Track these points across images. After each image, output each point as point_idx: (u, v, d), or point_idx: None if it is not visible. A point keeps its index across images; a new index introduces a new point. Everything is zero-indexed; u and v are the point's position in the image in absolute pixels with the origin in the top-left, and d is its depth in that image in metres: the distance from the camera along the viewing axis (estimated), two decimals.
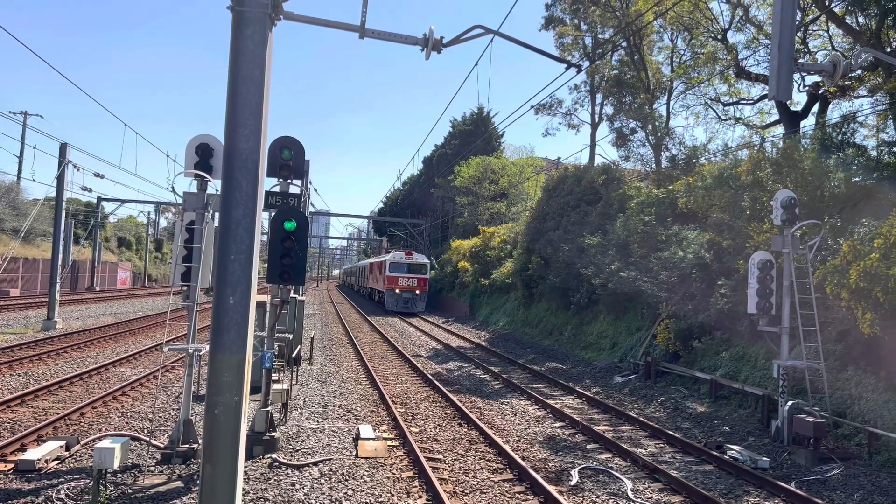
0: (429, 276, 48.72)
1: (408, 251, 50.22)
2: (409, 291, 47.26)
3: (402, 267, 47.55)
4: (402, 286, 47.20)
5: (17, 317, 31.70)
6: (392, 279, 47.36)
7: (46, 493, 8.66)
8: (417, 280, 47.59)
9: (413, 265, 47.72)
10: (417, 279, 47.58)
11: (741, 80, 27.17)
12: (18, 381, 15.95)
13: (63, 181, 28.13)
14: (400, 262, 47.78)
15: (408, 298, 47.09)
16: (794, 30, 7.09)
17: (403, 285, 47.20)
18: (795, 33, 7.24)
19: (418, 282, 47.66)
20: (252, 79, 5.94)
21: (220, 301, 5.80)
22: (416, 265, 47.87)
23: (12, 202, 52.92)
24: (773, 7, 7.33)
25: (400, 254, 49.30)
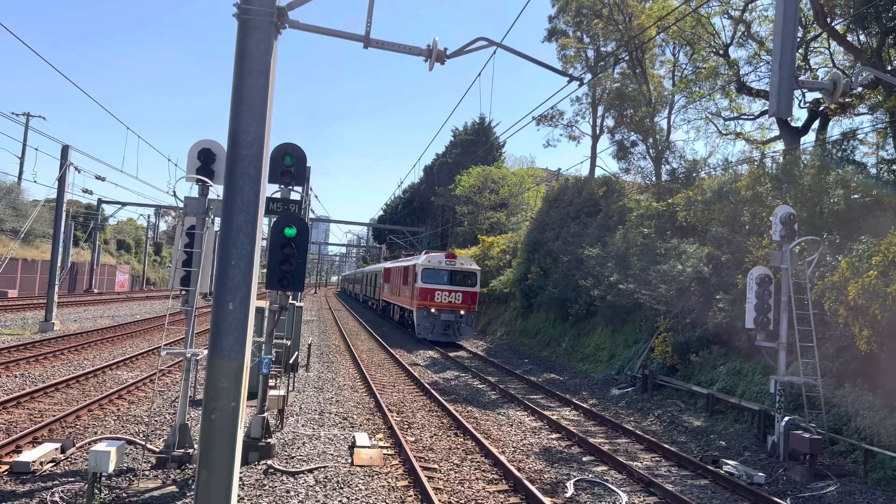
0: (479, 290, 33.47)
1: (448, 252, 35.44)
2: (451, 311, 31.84)
3: (442, 275, 32.55)
4: (440, 303, 31.95)
5: (15, 318, 31.66)
6: (426, 293, 32.15)
7: (41, 496, 8.64)
8: (463, 295, 32.09)
9: (458, 273, 32.61)
10: (463, 293, 32.12)
11: (742, 96, 27.29)
12: (15, 383, 15.92)
13: (64, 183, 28.16)
14: (438, 267, 32.52)
15: (448, 322, 31.83)
16: (794, 47, 7.14)
17: (443, 302, 31.95)
18: (796, 50, 7.29)
19: (464, 297, 32.15)
20: (256, 86, 5.98)
21: (220, 307, 5.81)
22: (462, 273, 32.68)
23: (13, 203, 52.91)
24: (775, 24, 7.39)
25: (437, 256, 33.83)
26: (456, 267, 32.64)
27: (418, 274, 32.58)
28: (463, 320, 32.21)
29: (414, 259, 36.60)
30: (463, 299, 32.19)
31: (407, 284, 35.76)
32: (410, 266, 34.94)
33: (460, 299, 32.10)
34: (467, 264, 33.20)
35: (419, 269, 32.52)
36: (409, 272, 35.44)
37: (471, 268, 33.18)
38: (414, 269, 33.58)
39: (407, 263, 37.57)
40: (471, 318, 32.73)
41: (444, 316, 31.92)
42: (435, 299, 31.82)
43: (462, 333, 32.31)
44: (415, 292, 33.12)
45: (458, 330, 32.10)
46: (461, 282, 32.56)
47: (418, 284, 32.55)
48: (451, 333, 31.98)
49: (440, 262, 32.63)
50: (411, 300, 34.10)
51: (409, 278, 34.77)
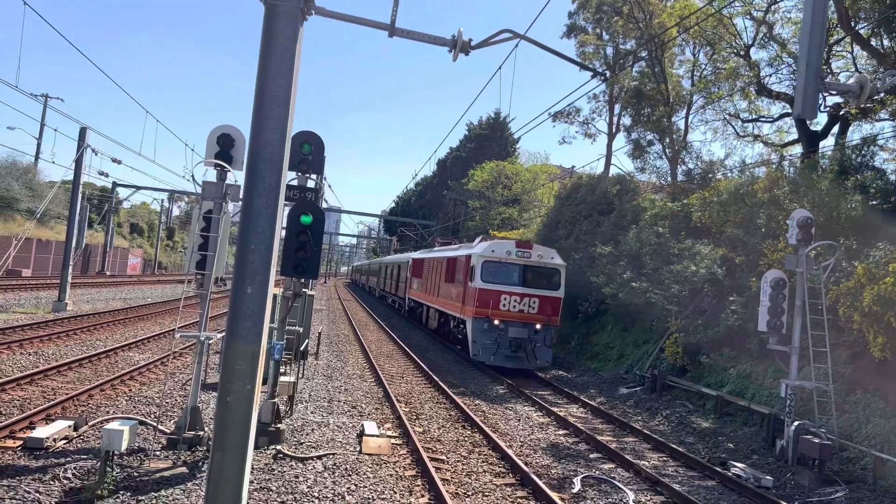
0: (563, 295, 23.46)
1: (521, 241, 24.91)
2: (524, 325, 22.49)
3: (510, 271, 22.89)
4: (507, 313, 22.50)
5: (29, 297, 31.96)
6: (486, 296, 22.50)
7: (54, 472, 8.75)
8: (541, 301, 22.71)
9: (534, 269, 23.03)
10: (541, 300, 22.73)
11: (762, 98, 27.07)
12: (28, 360, 16.09)
13: (81, 165, 28.37)
14: (505, 260, 22.95)
15: (519, 340, 22.38)
16: (822, 49, 7.08)
17: (511, 311, 22.53)
18: (823, 53, 7.23)
19: (543, 305, 22.72)
20: (281, 72, 5.99)
21: (238, 290, 5.84)
22: (540, 270, 23.08)
23: (29, 183, 53.35)
24: (802, 26, 7.33)
25: (502, 244, 23.91)
26: (532, 261, 22.71)
27: (475, 269, 22.66)
28: (539, 338, 22.17)
29: (465, 248, 26.46)
30: (541, 308, 22.32)
31: (453, 282, 26.17)
32: (461, 257, 25.10)
33: (537, 307, 22.24)
34: (547, 257, 23.08)
35: (477, 262, 22.67)
36: (457, 266, 25.69)
37: (553, 262, 23.06)
38: (467, 261, 23.84)
39: (454, 253, 27.27)
40: (550, 336, 22.45)
41: (514, 331, 22.03)
42: (500, 306, 22.09)
43: (538, 357, 22.21)
44: (468, 295, 23.19)
45: (532, 352, 22.04)
46: (538, 282, 22.70)
47: (475, 284, 22.49)
48: (522, 357, 22.08)
49: (508, 252, 22.74)
50: (461, 305, 24.20)
51: (459, 274, 24.95)
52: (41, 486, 8.25)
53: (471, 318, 22.69)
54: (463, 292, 24.17)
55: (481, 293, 22.43)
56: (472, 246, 25.59)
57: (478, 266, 22.74)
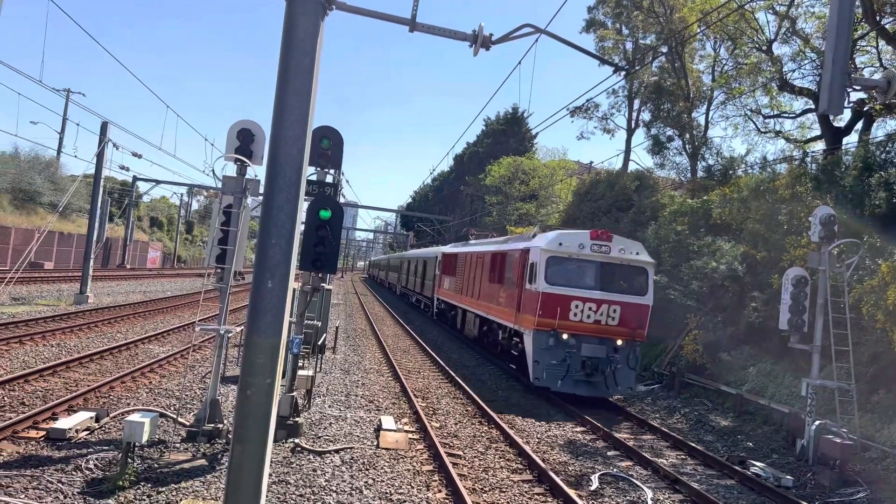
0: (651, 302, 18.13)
1: (598, 231, 18.66)
2: (601, 340, 17.57)
3: (584, 270, 17.92)
4: (580, 324, 17.52)
5: (51, 289, 32.39)
6: (552, 303, 17.42)
7: (76, 462, 8.86)
8: (624, 310, 17.64)
9: (615, 268, 17.97)
10: (624, 307, 17.66)
11: (784, 93, 26.73)
12: (51, 352, 16.31)
13: (102, 159, 28.66)
14: (577, 256, 17.80)
15: (595, 361, 17.39)
16: (849, 43, 6.97)
17: (585, 322, 17.51)
18: (850, 47, 7.12)
19: (626, 314, 17.65)
20: (302, 67, 6.00)
21: (259, 284, 5.86)
22: (622, 268, 18.05)
23: (51, 177, 54.01)
24: (828, 20, 7.21)
25: (572, 236, 18.42)
26: (612, 256, 17.58)
27: (537, 267, 17.59)
28: (621, 358, 17.20)
29: (517, 240, 21.73)
30: (623, 318, 17.27)
31: (501, 283, 21.30)
32: (514, 252, 20.21)
33: (618, 318, 17.24)
34: (631, 251, 17.86)
35: (539, 259, 17.56)
36: (507, 262, 20.89)
37: (638, 259, 17.82)
38: (523, 257, 18.98)
39: (502, 247, 22.41)
40: (634, 355, 17.38)
41: (588, 349, 17.15)
42: (570, 316, 17.10)
43: (619, 382, 17.27)
44: (527, 300, 18.16)
45: (612, 376, 17.13)
46: (620, 284, 17.62)
47: (537, 286, 17.43)
48: (599, 382, 17.11)
49: (581, 245, 17.51)
50: (515, 313, 19.09)
51: (511, 273, 20.14)
52: (64, 477, 8.35)
53: (531, 331, 17.43)
54: (517, 296, 18.96)
55: (546, 299, 17.11)
56: (528, 237, 20.39)
57: (541, 263, 17.41)
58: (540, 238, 19.22)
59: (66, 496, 7.79)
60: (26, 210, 49.61)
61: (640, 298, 17.68)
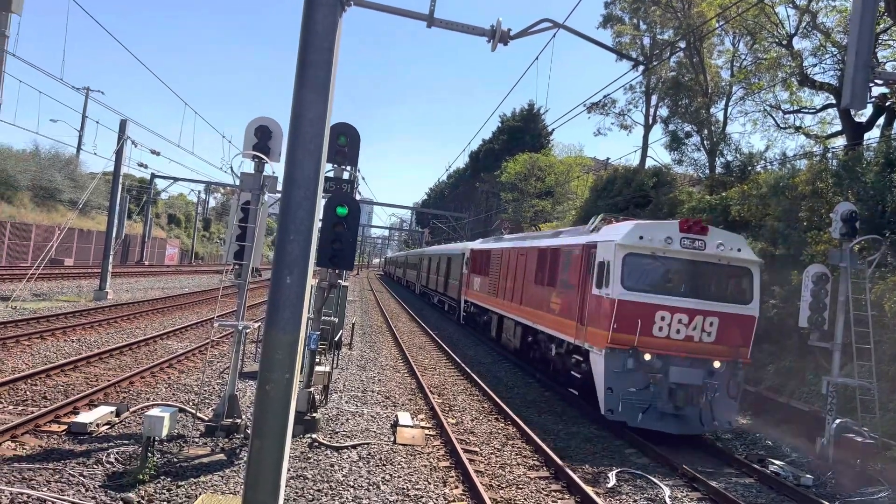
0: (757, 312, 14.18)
1: (689, 221, 14.17)
2: (696, 362, 13.51)
3: (672, 272, 14.00)
4: (667, 340, 13.51)
5: (71, 285, 32.78)
6: (631, 312, 13.45)
7: (97, 456, 8.96)
8: (722, 322, 13.65)
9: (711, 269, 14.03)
10: (722, 318, 13.67)
11: (804, 88, 26.43)
12: (72, 347, 16.51)
13: (121, 156, 28.91)
14: (663, 252, 13.74)
15: (688, 389, 13.29)
16: (872, 38, 6.88)
17: (675, 339, 13.54)
18: (873, 42, 7.02)
19: (724, 328, 13.69)
20: (320, 63, 6.01)
21: (278, 280, 5.89)
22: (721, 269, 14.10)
23: (71, 174, 54.62)
24: (852, 14, 7.12)
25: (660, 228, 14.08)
26: (707, 254, 13.90)
27: (611, 267, 13.90)
28: (720, 383, 13.58)
29: (575, 233, 17.60)
30: (722, 333, 13.73)
31: (553, 285, 17.54)
32: (576, 247, 16.25)
33: (715, 332, 13.69)
34: (730, 246, 14.09)
35: (614, 257, 13.84)
36: (563, 260, 17.13)
37: (741, 257, 14.26)
38: (586, 254, 15.35)
39: (555, 242, 18.39)
40: (737, 380, 13.87)
41: (679, 373, 13.50)
42: (653, 331, 13.58)
43: (717, 415, 13.52)
44: (595, 309, 14.54)
45: (709, 408, 13.45)
46: (718, 290, 14.16)
47: (610, 291, 13.82)
48: (691, 416, 13.51)
49: (668, 240, 13.81)
50: (576, 325, 15.43)
51: (569, 274, 16.51)
52: (85, 470, 8.45)
53: (601, 350, 13.56)
54: (579, 304, 15.27)
55: (623, 309, 13.35)
56: (584, 230, 16.58)
57: (615, 263, 13.59)
58: (610, 230, 15.05)
59: (87, 489, 7.89)
60: (46, 207, 50.22)
61: (744, 308, 13.91)
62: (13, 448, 9.01)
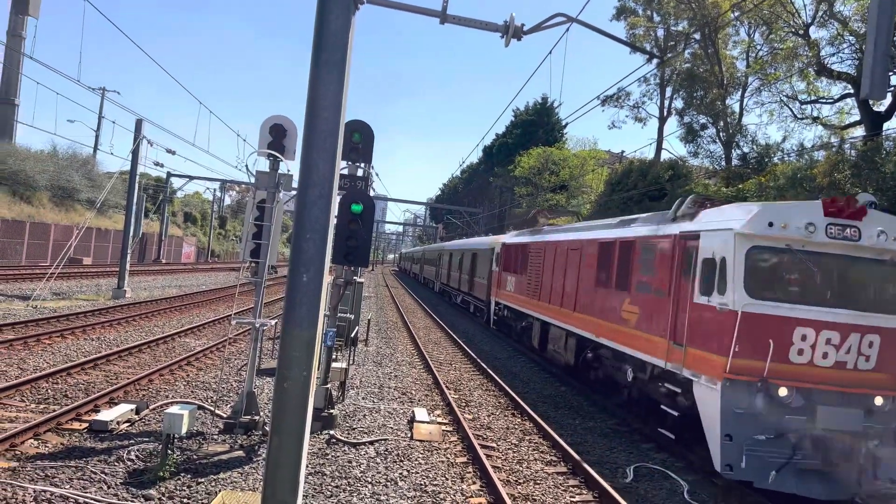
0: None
1: (836, 200, 9.83)
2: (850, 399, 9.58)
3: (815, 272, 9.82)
4: (812, 370, 9.61)
5: (90, 284, 33.13)
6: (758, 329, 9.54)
7: (118, 453, 9.07)
8: (884, 342, 9.65)
9: (868, 267, 9.95)
10: (884, 336, 9.67)
11: (821, 78, 26.12)
12: (91, 346, 16.69)
13: (137, 155, 29.16)
14: (808, 246, 9.71)
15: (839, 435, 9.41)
16: (892, 26, 6.77)
17: (821, 366, 9.61)
18: (893, 30, 6.91)
19: (885, 347, 9.67)
20: (334, 62, 6.02)
21: (295, 278, 5.92)
22: (880, 266, 9.97)
23: (88, 174, 55.18)
24: (870, 2, 7.01)
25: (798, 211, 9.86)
26: (864, 247, 9.89)
27: (728, 263, 10.04)
28: (887, 429, 9.67)
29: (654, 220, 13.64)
30: (884, 356, 9.83)
31: (627, 289, 13.85)
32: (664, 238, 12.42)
33: (876, 355, 9.79)
34: (895, 236, 9.92)
35: (734, 249, 9.93)
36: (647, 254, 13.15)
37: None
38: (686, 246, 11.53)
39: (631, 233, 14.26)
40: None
41: (827, 415, 9.57)
42: (790, 355, 9.67)
43: (881, 473, 9.46)
44: (698, 323, 10.79)
45: (872, 461, 9.48)
46: (876, 298, 10.16)
47: (725, 300, 10.05)
48: (846, 473, 9.44)
49: (809, 227, 9.69)
50: (670, 343, 11.58)
51: (657, 273, 12.51)
52: (106, 467, 8.56)
53: (716, 382, 9.92)
54: (672, 314, 11.58)
55: (749, 324, 9.75)
56: (679, 215, 12.28)
57: (736, 259, 9.96)
58: (717, 215, 11.06)
59: (109, 486, 7.98)
60: (65, 207, 50.78)
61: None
62: (36, 446, 9.14)
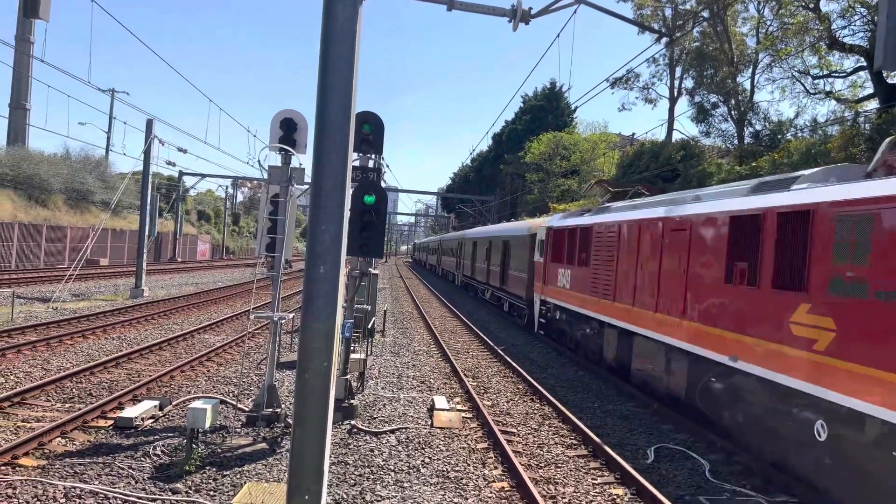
0: None
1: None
2: None
3: None
4: None
5: (108, 284, 33.48)
6: None
7: (144, 449, 9.21)
8: None
9: None
10: None
11: (833, 52, 25.78)
12: (113, 345, 16.90)
13: (149, 155, 29.38)
14: None
15: None
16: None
17: None
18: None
19: None
20: (342, 54, 6.04)
21: (311, 270, 5.97)
22: None
23: (101, 176, 55.63)
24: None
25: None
26: None
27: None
28: None
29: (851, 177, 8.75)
30: None
31: (797, 287, 8.67)
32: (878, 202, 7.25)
33: None
34: None
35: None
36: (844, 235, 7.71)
37: None
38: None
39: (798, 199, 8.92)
40: None
41: None
42: None
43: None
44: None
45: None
46: None
47: None
48: None
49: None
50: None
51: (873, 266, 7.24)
52: (133, 463, 8.70)
53: None
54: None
55: None
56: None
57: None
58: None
59: (136, 481, 8.12)
60: (80, 209, 51.26)
61: None
62: (63, 444, 9.30)
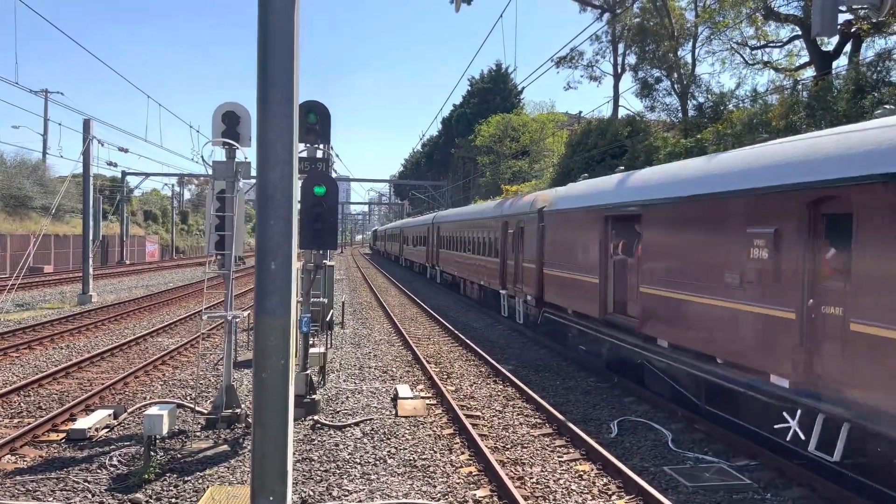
0: None
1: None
2: None
3: None
4: None
5: (53, 292, 32.35)
6: None
7: (100, 460, 8.91)
8: None
9: None
10: None
11: (769, 22, 26.34)
12: (62, 354, 16.33)
13: (88, 157, 28.35)
14: None
15: None
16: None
17: None
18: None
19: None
20: (281, 39, 5.85)
21: (263, 266, 5.80)
22: None
23: (39, 180, 53.57)
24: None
25: None
26: None
27: None
28: None
29: None
30: None
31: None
32: None
33: None
34: None
35: None
36: None
37: None
38: None
39: None
40: None
41: None
42: None
43: None
44: None
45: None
46: None
47: None
48: None
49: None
50: None
51: None
52: (89, 476, 8.40)
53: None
54: None
55: None
56: None
57: None
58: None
59: (93, 494, 7.84)
60: (19, 216, 49.35)
61: None
62: (14, 461, 8.93)
